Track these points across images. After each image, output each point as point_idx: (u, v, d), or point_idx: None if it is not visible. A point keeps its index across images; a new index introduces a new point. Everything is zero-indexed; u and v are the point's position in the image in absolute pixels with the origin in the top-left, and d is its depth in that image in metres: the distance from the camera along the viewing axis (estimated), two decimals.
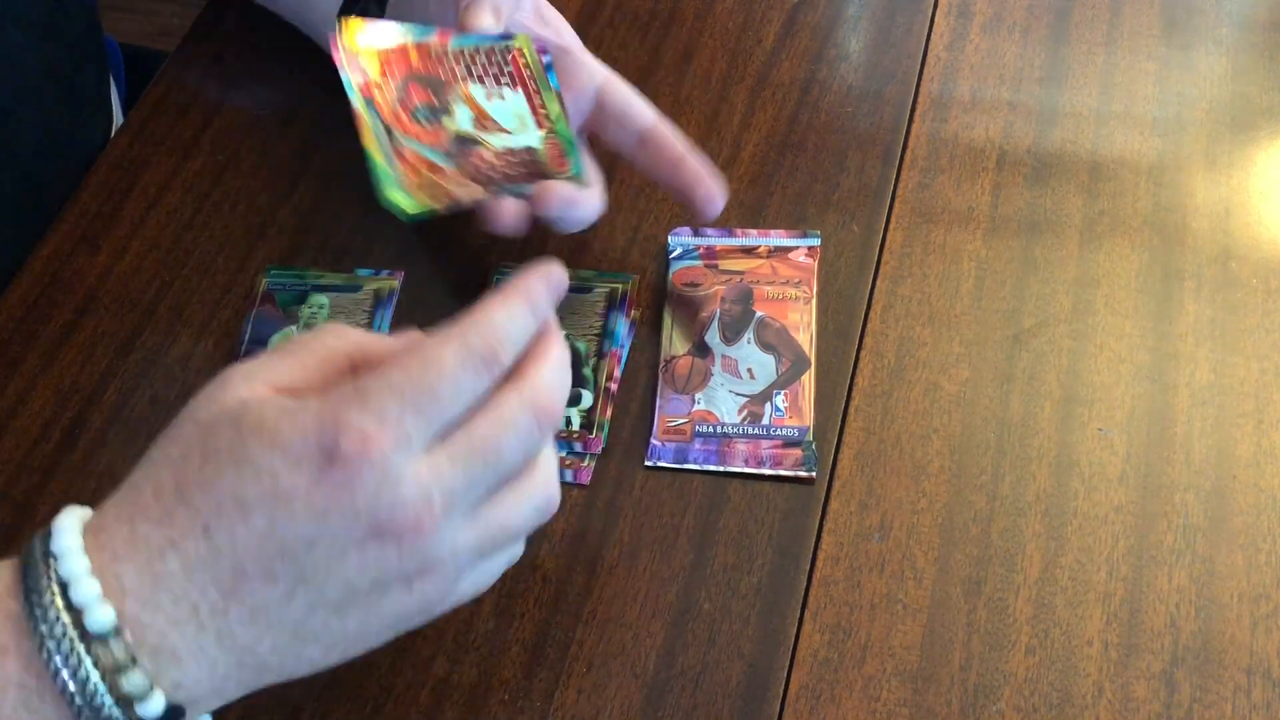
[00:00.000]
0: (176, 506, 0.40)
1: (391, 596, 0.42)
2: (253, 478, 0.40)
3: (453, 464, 0.41)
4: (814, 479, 0.58)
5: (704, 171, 0.62)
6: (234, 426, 0.41)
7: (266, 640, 0.41)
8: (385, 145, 0.54)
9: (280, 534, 0.40)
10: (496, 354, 0.43)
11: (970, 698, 0.52)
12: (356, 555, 0.40)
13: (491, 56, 0.58)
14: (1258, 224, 0.67)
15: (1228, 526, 0.57)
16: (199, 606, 0.40)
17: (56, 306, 0.66)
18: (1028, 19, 0.76)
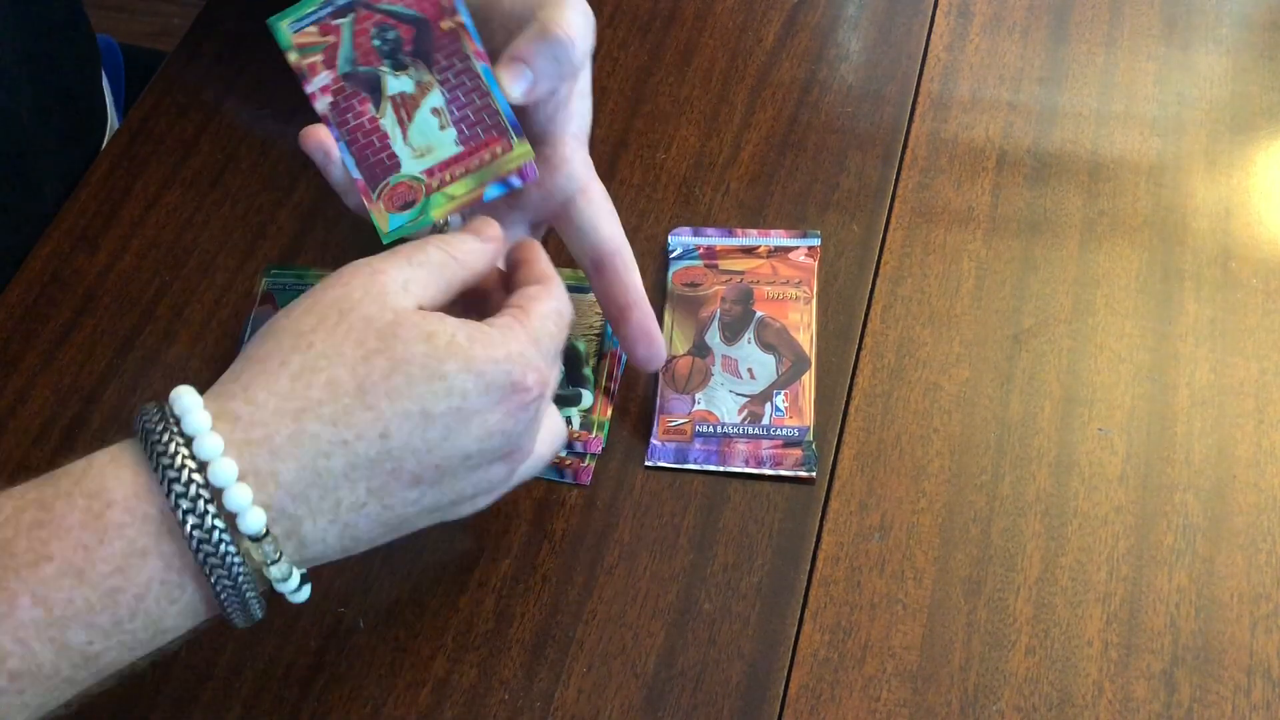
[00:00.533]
0: (357, 408, 0.42)
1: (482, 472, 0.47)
2: (444, 393, 0.43)
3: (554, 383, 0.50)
4: (814, 479, 0.58)
5: (649, 327, 0.57)
6: (427, 342, 0.43)
7: (376, 531, 0.45)
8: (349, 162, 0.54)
9: (449, 446, 0.44)
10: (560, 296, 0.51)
11: (970, 698, 0.52)
12: (484, 470, 0.46)
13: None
14: (1258, 224, 0.67)
15: (1228, 526, 0.56)
16: (342, 501, 0.43)
17: (56, 306, 0.66)
18: (1028, 19, 0.76)
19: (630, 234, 0.67)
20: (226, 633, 0.55)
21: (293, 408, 0.42)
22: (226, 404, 0.42)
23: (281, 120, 0.73)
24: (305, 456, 0.42)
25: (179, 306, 0.65)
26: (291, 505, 0.42)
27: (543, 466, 0.52)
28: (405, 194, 0.53)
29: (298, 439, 0.42)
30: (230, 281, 0.66)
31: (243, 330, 0.64)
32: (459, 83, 0.53)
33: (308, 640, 0.55)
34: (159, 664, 0.54)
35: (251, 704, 0.53)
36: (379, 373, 0.43)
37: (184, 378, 0.62)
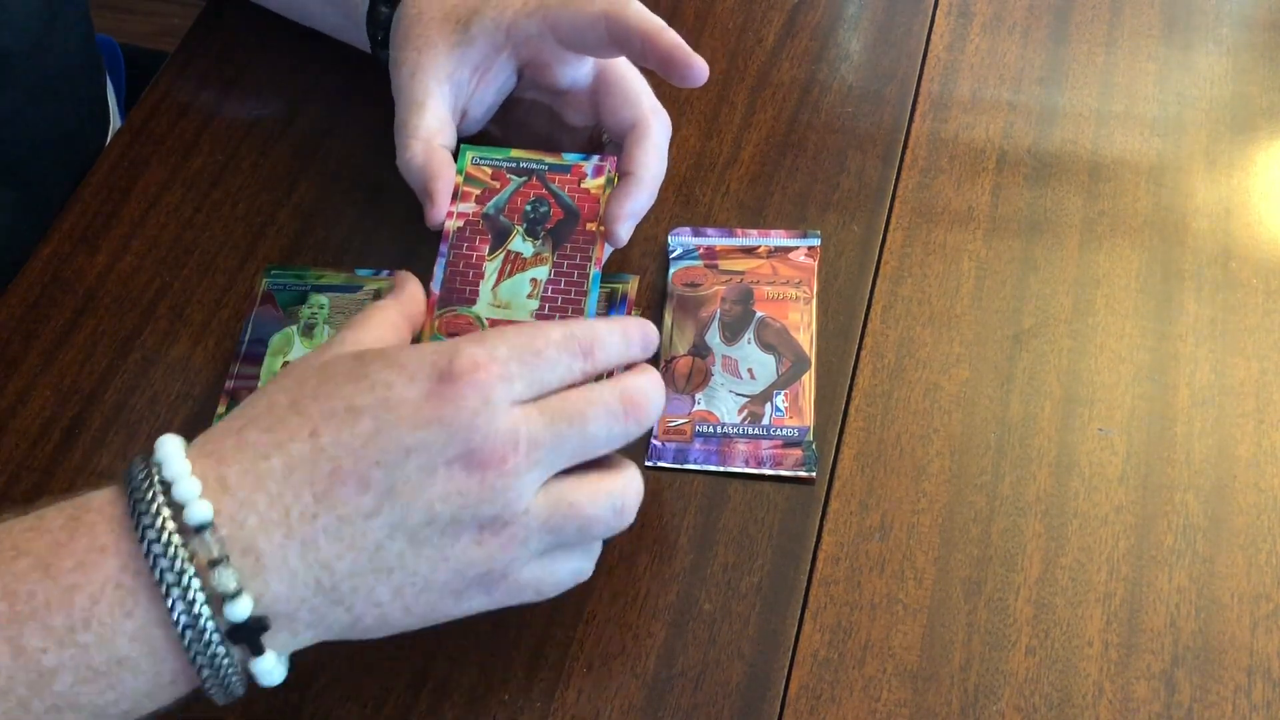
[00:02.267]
0: (289, 415, 0.44)
1: (462, 543, 0.44)
2: (368, 388, 0.44)
3: (543, 418, 0.45)
4: (814, 479, 0.58)
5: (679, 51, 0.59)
6: (355, 358, 0.45)
7: (346, 559, 0.43)
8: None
9: (383, 439, 0.43)
10: (593, 348, 0.47)
11: (970, 698, 0.52)
12: (444, 476, 0.43)
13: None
14: (1258, 224, 0.67)
15: (1228, 526, 0.57)
16: (291, 509, 0.43)
17: (56, 306, 0.66)
18: (1028, 19, 0.76)
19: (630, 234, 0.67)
20: None
21: (236, 425, 0.45)
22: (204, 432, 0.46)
23: (282, 120, 0.73)
24: (246, 460, 0.43)
25: (179, 306, 0.65)
26: (240, 511, 0.43)
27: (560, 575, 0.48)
28: (462, 327, 0.57)
29: (240, 447, 0.44)
30: (230, 281, 0.66)
31: (243, 330, 0.64)
32: (568, 272, 0.58)
33: None
34: None
35: (251, 704, 0.53)
36: (309, 388, 0.45)
37: (184, 377, 0.62)
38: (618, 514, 0.48)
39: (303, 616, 0.44)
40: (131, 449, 0.60)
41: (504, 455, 0.44)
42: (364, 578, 0.44)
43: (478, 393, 0.44)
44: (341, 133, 0.72)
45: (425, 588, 0.45)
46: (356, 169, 0.71)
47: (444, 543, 0.44)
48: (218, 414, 0.61)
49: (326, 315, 0.64)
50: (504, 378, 0.44)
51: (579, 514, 0.47)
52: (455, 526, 0.44)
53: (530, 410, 0.45)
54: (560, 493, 0.46)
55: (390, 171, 0.71)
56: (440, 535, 0.44)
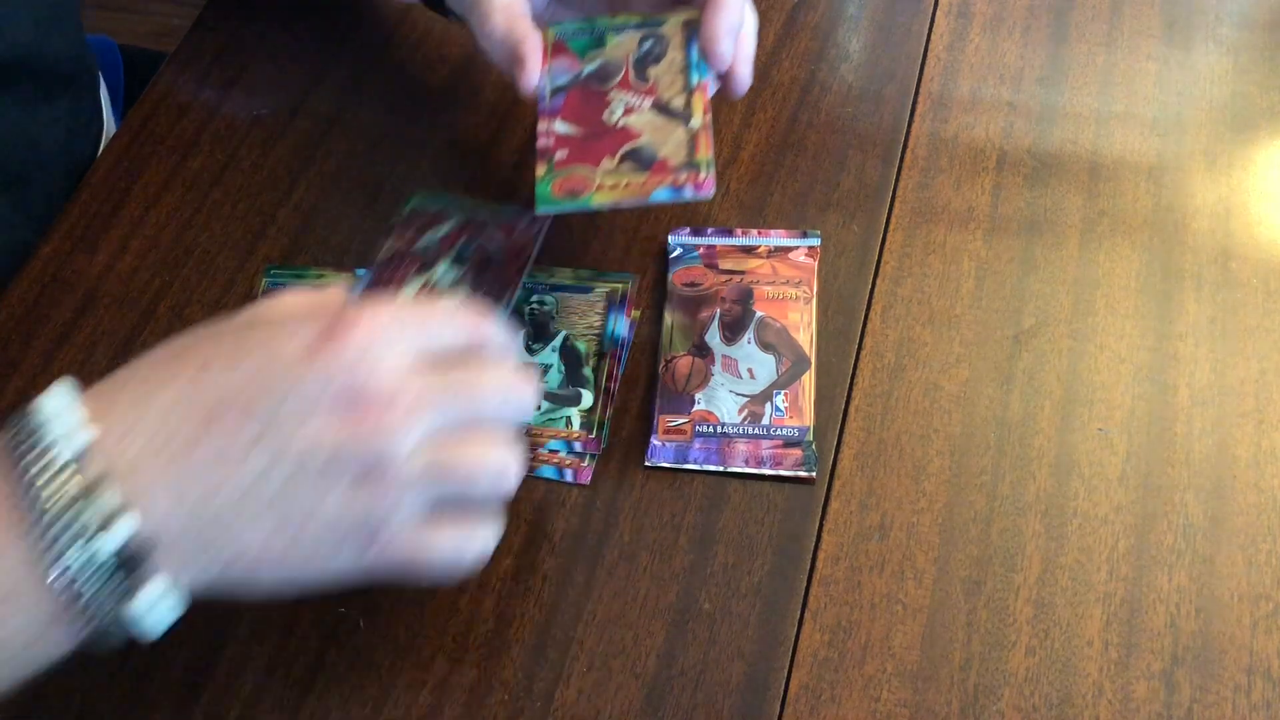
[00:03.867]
0: (182, 355, 0.46)
1: (339, 488, 0.44)
2: (254, 338, 0.45)
3: (429, 385, 0.46)
4: (814, 479, 0.58)
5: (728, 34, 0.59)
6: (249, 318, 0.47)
7: (225, 490, 0.43)
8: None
9: (267, 375, 0.44)
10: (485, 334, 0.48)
11: (970, 698, 0.52)
12: (325, 415, 0.44)
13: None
14: (1258, 224, 0.67)
15: (1228, 526, 0.57)
16: (172, 439, 0.43)
17: (56, 306, 0.65)
18: (1028, 19, 0.76)
19: (630, 234, 0.67)
20: (227, 631, 0.55)
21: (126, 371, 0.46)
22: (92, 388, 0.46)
23: (282, 120, 0.73)
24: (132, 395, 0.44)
25: (179, 306, 0.65)
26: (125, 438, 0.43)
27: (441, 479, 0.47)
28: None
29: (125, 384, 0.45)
30: (230, 281, 0.66)
31: None
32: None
33: (308, 640, 0.55)
34: (160, 663, 0.54)
35: (251, 704, 0.53)
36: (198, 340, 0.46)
37: None
38: (499, 478, 0.47)
39: (183, 547, 0.43)
40: None
41: (386, 400, 0.44)
42: (242, 510, 0.44)
43: (358, 343, 0.44)
44: (341, 133, 0.72)
45: (302, 530, 0.44)
46: (356, 169, 0.71)
47: (321, 484, 0.44)
48: None
49: None
50: (387, 334, 0.45)
51: (457, 471, 0.46)
52: (333, 467, 0.44)
53: (419, 369, 0.46)
54: (440, 448, 0.46)
55: (390, 171, 0.71)
56: (318, 476, 0.44)
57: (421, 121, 0.72)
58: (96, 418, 0.43)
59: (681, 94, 0.58)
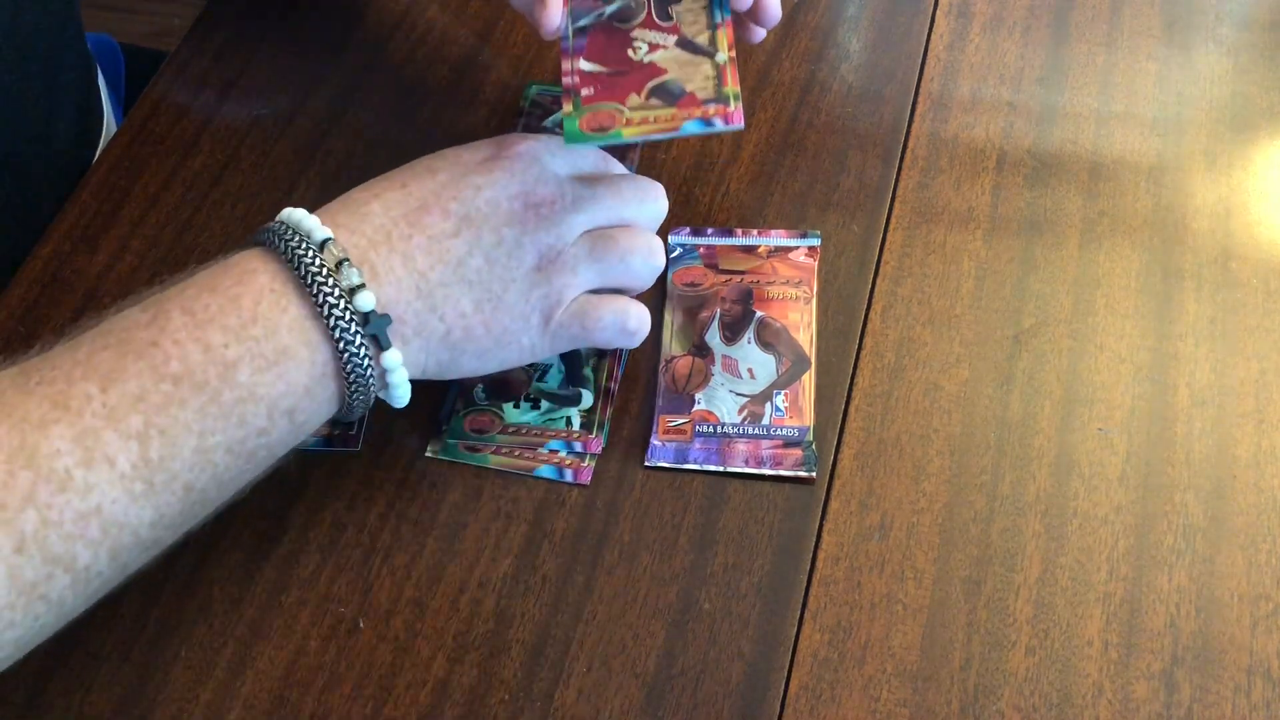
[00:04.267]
0: (381, 182, 0.56)
1: (525, 265, 0.55)
2: (443, 158, 0.57)
3: (587, 189, 0.58)
4: (814, 479, 0.58)
5: None
6: (431, 154, 0.58)
7: (437, 269, 0.54)
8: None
9: (457, 182, 0.56)
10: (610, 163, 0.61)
11: (970, 698, 0.52)
12: (506, 208, 0.55)
13: None
14: (1258, 224, 0.67)
15: (1228, 526, 0.57)
16: (391, 233, 0.54)
17: (56, 306, 0.65)
18: (1028, 19, 0.76)
19: None
20: (227, 631, 0.55)
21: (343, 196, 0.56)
22: None
23: (282, 120, 0.73)
24: (351, 207, 0.55)
25: None
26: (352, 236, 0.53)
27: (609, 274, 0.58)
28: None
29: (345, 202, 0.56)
30: None
31: None
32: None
33: (308, 640, 0.55)
34: (161, 664, 0.54)
35: (251, 704, 0.53)
36: (396, 170, 0.57)
37: None
38: (651, 252, 0.58)
39: (409, 320, 0.53)
40: None
41: (552, 198, 0.56)
42: (451, 288, 0.54)
43: (526, 158, 0.57)
44: (341, 133, 0.72)
45: (499, 304, 0.55)
46: (356, 169, 0.71)
47: (511, 264, 0.55)
48: None
49: None
50: (549, 151, 0.58)
51: (616, 245, 0.57)
52: (519, 250, 0.55)
53: (577, 182, 0.58)
54: (600, 233, 0.57)
55: None
56: (507, 257, 0.55)
57: (421, 121, 0.72)
58: (327, 222, 0.53)
59: (705, 31, 0.59)
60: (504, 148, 0.57)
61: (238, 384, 0.49)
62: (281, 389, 0.50)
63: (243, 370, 0.49)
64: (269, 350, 0.50)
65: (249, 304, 0.50)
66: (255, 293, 0.51)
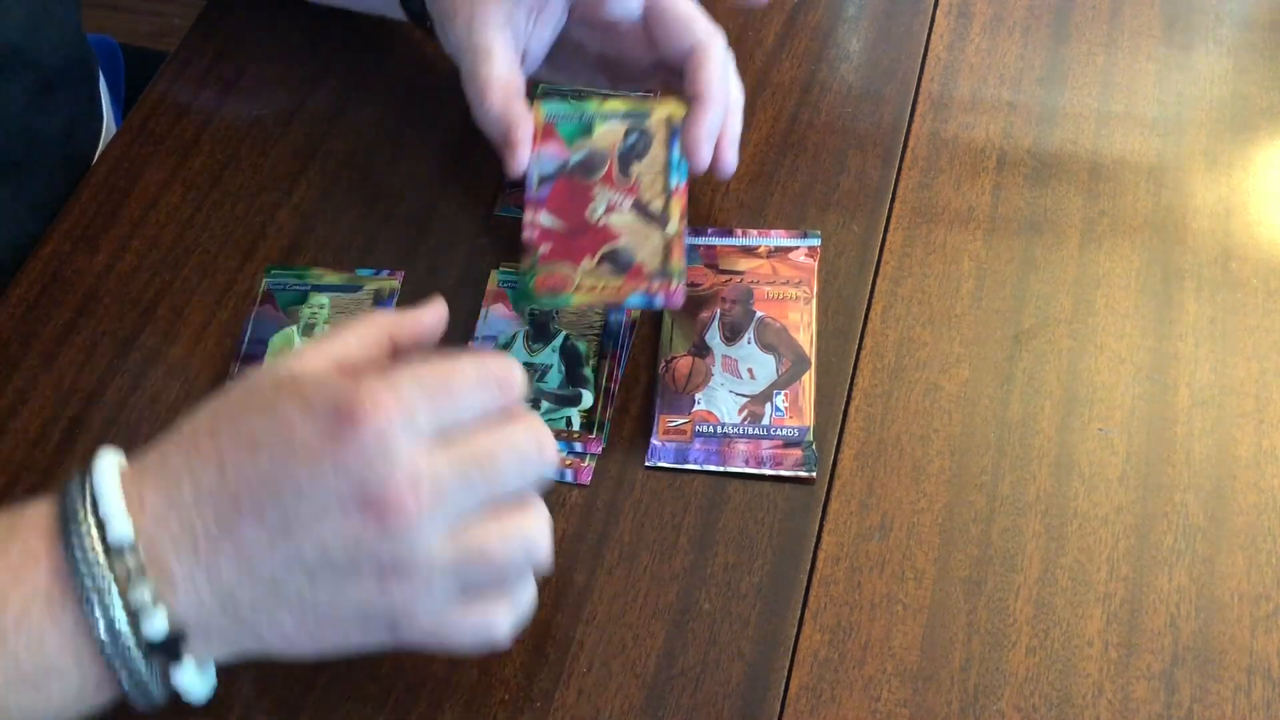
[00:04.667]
0: (204, 440, 0.45)
1: (362, 583, 0.44)
2: (272, 423, 0.44)
3: (449, 463, 0.44)
4: (814, 479, 0.58)
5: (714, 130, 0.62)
6: (275, 386, 0.45)
7: (247, 588, 0.44)
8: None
9: (276, 476, 0.43)
10: (510, 384, 0.47)
11: (970, 698, 0.52)
12: (338, 518, 0.43)
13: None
14: (1258, 224, 0.67)
15: (1228, 526, 0.57)
16: (198, 535, 0.44)
17: (56, 306, 0.66)
18: (1028, 19, 0.76)
19: None
20: None
21: (169, 443, 0.46)
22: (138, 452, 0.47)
23: (282, 120, 0.73)
24: (162, 482, 0.45)
25: (179, 306, 0.65)
26: (156, 530, 0.44)
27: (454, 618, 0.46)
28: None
29: (160, 465, 0.45)
30: (230, 281, 0.66)
31: (243, 330, 0.64)
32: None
33: None
34: None
35: (251, 704, 0.53)
36: (228, 413, 0.46)
37: (184, 377, 0.62)
38: (530, 554, 0.46)
39: (214, 633, 0.45)
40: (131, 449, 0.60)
41: (400, 498, 0.43)
42: (266, 607, 0.44)
43: (375, 436, 0.43)
44: (341, 133, 0.72)
45: (327, 621, 0.45)
46: (356, 169, 0.71)
47: (342, 583, 0.44)
48: None
49: (326, 315, 0.64)
50: (407, 419, 0.43)
51: (487, 557, 0.45)
52: (353, 568, 0.44)
53: (437, 453, 0.44)
54: (468, 535, 0.45)
55: (390, 171, 0.71)
56: (338, 576, 0.44)
57: (421, 121, 0.72)
58: (133, 504, 0.44)
59: (661, 196, 0.61)
60: (347, 418, 0.43)
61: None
62: (41, 707, 0.44)
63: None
64: (30, 667, 0.43)
65: (15, 608, 0.43)
66: (27, 594, 0.43)
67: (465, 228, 0.67)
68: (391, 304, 0.64)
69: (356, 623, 0.45)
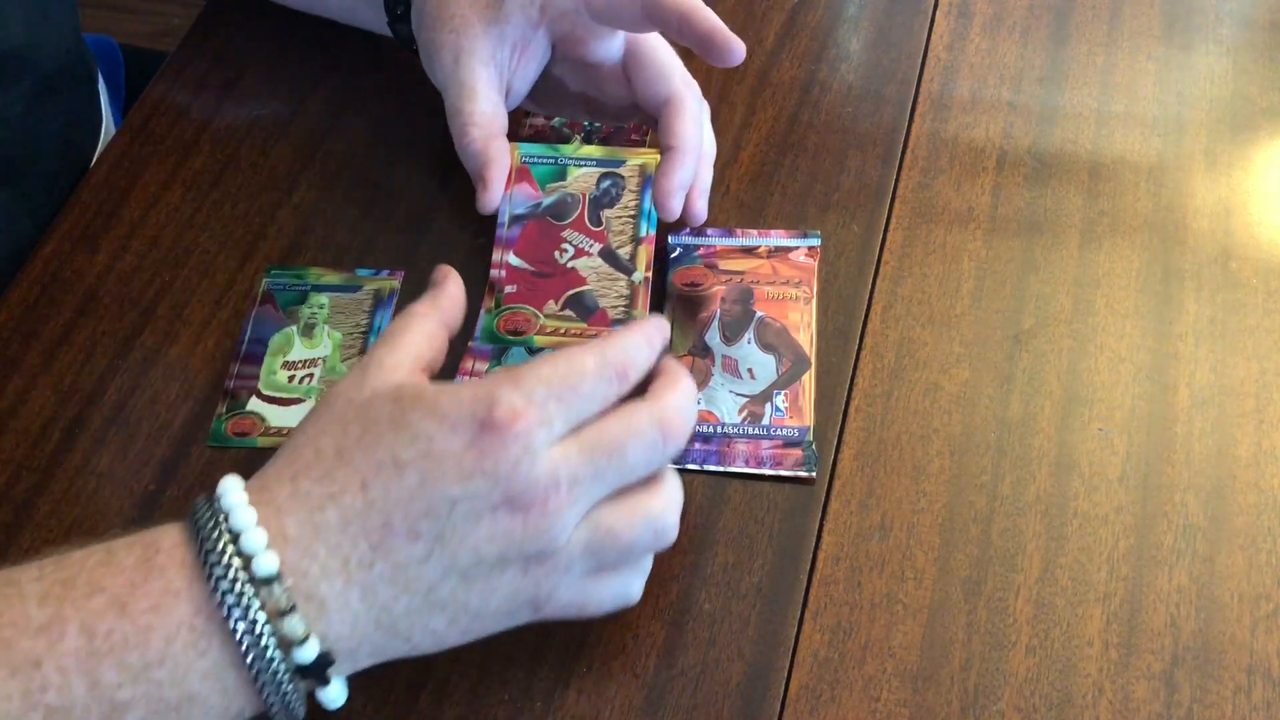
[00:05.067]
0: (337, 466, 0.45)
1: (509, 575, 0.46)
2: (410, 440, 0.45)
3: (581, 454, 0.46)
4: (814, 479, 0.58)
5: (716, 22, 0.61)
6: (394, 401, 0.46)
7: (403, 600, 0.45)
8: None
9: (428, 492, 0.44)
10: (627, 370, 0.49)
11: (970, 698, 0.52)
12: (489, 522, 0.45)
13: None
14: (1258, 224, 0.67)
15: (1228, 526, 0.57)
16: (349, 559, 0.44)
17: (56, 306, 0.66)
18: (1028, 19, 0.76)
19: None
20: None
21: (289, 472, 0.46)
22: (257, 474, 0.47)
23: (282, 120, 0.73)
24: (302, 512, 0.45)
25: (179, 306, 0.65)
26: (303, 561, 0.44)
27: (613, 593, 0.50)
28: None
29: (295, 496, 0.45)
30: (230, 281, 0.66)
31: (242, 330, 0.64)
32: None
33: None
34: None
35: None
36: (354, 434, 0.46)
37: (184, 377, 0.62)
38: (657, 535, 0.49)
39: (364, 650, 0.46)
40: (131, 449, 0.60)
41: (546, 497, 0.45)
42: (420, 614, 0.46)
43: (519, 442, 0.44)
44: (341, 133, 0.72)
45: (478, 615, 0.47)
46: (356, 169, 0.71)
47: (492, 578, 0.46)
48: (218, 414, 0.61)
49: (326, 315, 0.64)
50: (544, 422, 0.45)
51: (617, 540, 0.48)
52: (502, 564, 0.46)
53: (569, 447, 0.46)
54: (599, 520, 0.47)
55: (390, 171, 0.71)
56: (489, 572, 0.46)
57: (421, 122, 0.72)
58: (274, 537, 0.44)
59: (630, 244, 0.62)
60: (490, 429, 0.44)
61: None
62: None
63: (134, 713, 0.42)
64: (173, 696, 0.43)
65: (159, 641, 0.42)
66: (171, 627, 0.43)
67: (465, 228, 0.67)
68: (391, 304, 0.64)
69: (505, 611, 0.47)
